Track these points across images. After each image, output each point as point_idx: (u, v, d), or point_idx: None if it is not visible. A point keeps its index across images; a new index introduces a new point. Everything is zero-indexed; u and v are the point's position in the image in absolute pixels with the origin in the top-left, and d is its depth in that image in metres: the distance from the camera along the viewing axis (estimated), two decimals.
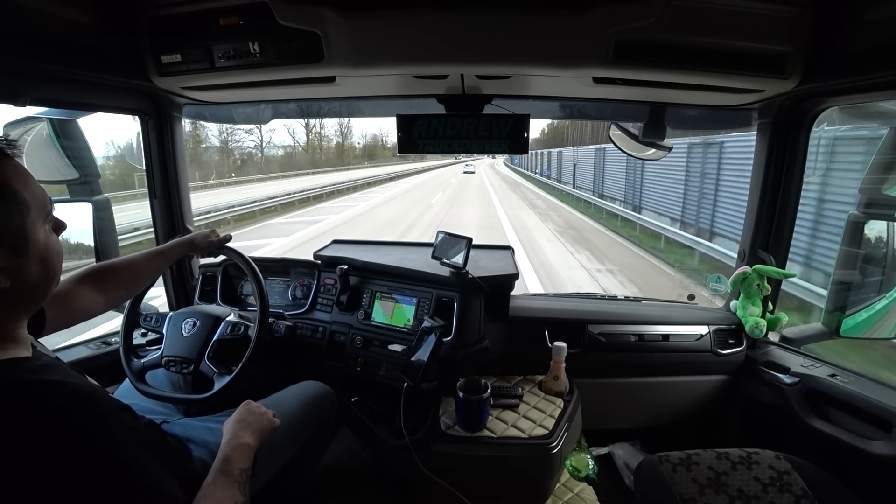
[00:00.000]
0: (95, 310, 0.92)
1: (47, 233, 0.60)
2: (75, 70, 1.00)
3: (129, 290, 1.05)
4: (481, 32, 0.94)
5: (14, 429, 0.48)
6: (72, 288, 0.88)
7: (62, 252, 0.64)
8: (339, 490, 1.32)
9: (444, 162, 55.60)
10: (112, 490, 0.50)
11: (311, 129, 44.78)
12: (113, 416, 0.55)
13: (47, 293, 0.62)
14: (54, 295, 0.82)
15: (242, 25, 1.00)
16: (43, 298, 0.62)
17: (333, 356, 1.42)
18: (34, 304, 0.61)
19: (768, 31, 0.95)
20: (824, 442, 1.13)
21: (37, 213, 0.58)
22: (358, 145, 58.52)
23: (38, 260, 0.58)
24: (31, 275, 0.57)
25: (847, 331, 1.22)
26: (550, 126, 44.01)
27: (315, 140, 47.78)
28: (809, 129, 1.26)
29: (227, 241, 1.20)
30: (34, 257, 0.57)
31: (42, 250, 0.58)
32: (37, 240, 0.58)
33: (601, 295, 1.70)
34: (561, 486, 1.36)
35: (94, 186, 1.36)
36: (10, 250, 0.54)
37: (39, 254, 0.58)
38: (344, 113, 1.63)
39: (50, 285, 0.61)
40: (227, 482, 0.70)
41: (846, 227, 1.21)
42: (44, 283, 0.60)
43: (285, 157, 42.96)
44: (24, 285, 0.57)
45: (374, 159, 53.94)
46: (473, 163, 44.98)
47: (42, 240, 0.59)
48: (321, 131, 46.23)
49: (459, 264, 1.30)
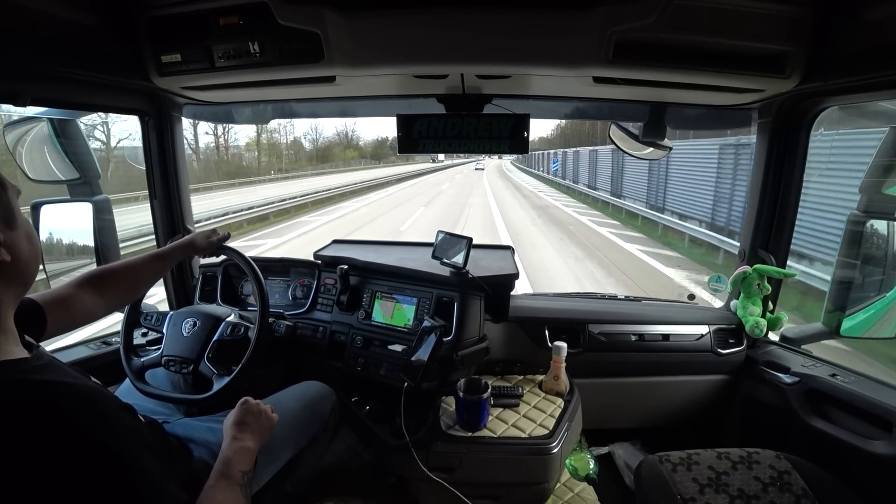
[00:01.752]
0: (96, 313, 0.92)
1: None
2: (75, 70, 1.00)
3: (129, 293, 1.05)
4: (481, 32, 0.94)
5: (15, 430, 0.48)
6: (72, 292, 0.88)
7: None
8: (340, 490, 1.32)
9: (437, 165, 47.79)
10: (114, 490, 0.50)
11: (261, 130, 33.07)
12: (115, 416, 0.55)
13: (34, 275, 0.62)
14: (55, 298, 0.83)
15: (242, 25, 1.00)
16: (31, 280, 0.62)
17: (334, 356, 1.42)
18: (23, 285, 0.61)
19: (768, 30, 0.95)
20: (825, 441, 1.13)
21: (12, 190, 0.59)
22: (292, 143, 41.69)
23: (26, 235, 0.59)
24: (24, 250, 0.58)
25: (847, 330, 1.22)
26: (570, 123, 38.43)
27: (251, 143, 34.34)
28: (810, 128, 1.26)
29: (226, 240, 1.20)
30: (22, 230, 0.59)
31: (26, 225, 0.60)
32: (21, 214, 0.59)
33: (601, 295, 1.70)
34: (561, 485, 1.36)
35: (95, 186, 1.36)
36: (4, 222, 0.56)
37: (26, 228, 0.60)
38: (344, 113, 1.63)
39: (37, 265, 0.62)
40: (229, 485, 0.70)
41: (846, 226, 1.21)
42: (32, 260, 0.60)
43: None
44: (19, 262, 0.58)
45: (329, 161, 41.66)
46: (483, 161, 46.56)
47: (23, 217, 0.60)
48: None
49: (459, 264, 1.30)
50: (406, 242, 1.75)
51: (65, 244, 1.35)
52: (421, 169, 37.26)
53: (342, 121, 44.44)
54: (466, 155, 8.95)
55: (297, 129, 44.84)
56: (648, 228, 9.50)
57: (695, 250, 7.53)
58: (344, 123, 52.56)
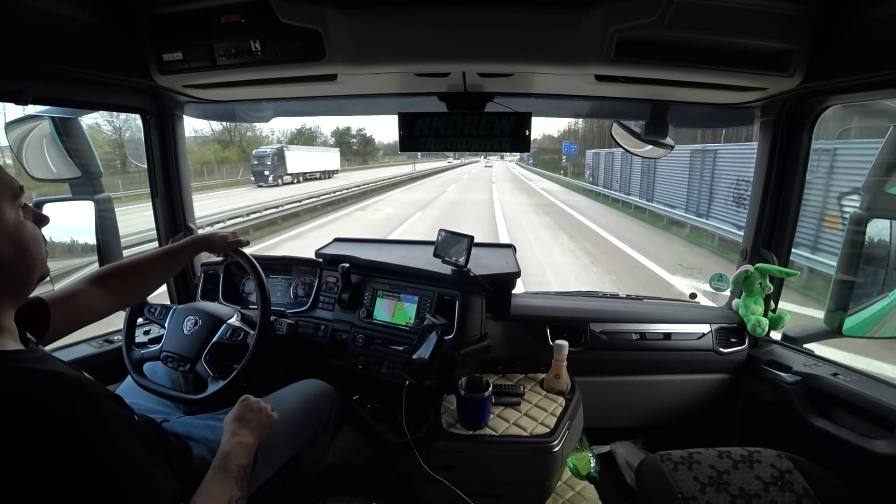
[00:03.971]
0: (103, 311, 0.92)
1: (19, 216, 0.60)
2: (77, 68, 1.00)
3: (138, 290, 1.04)
4: (483, 30, 0.94)
5: (8, 415, 0.48)
6: (79, 288, 0.88)
7: (42, 239, 0.63)
8: (341, 488, 1.33)
9: (435, 166, 41.43)
10: (103, 477, 0.51)
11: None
12: (105, 404, 0.55)
13: (28, 279, 0.61)
14: (62, 296, 0.83)
15: (244, 23, 1.00)
16: (24, 284, 0.61)
17: (335, 354, 1.43)
18: (15, 288, 0.60)
19: (771, 28, 0.94)
20: (826, 441, 1.13)
21: (2, 193, 0.58)
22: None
23: (10, 240, 0.57)
24: (5, 255, 0.57)
25: (849, 330, 1.22)
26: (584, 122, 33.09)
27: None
28: (812, 127, 1.26)
29: (244, 246, 1.19)
30: (4, 236, 0.57)
31: (13, 230, 0.58)
32: (6, 219, 0.57)
33: (603, 293, 1.70)
34: (562, 484, 1.36)
35: (96, 185, 1.37)
36: None
37: (10, 233, 0.57)
38: (345, 111, 1.63)
39: (30, 270, 0.61)
40: (225, 478, 0.71)
41: (849, 225, 1.21)
42: (20, 264, 0.59)
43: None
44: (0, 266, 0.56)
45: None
46: (491, 159, 48.74)
47: (12, 220, 0.58)
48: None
49: (461, 262, 1.30)
50: (408, 241, 1.75)
51: (66, 243, 1.36)
52: (422, 170, 32.03)
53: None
54: (472, 154, 8.50)
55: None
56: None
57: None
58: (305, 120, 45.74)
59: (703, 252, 7.93)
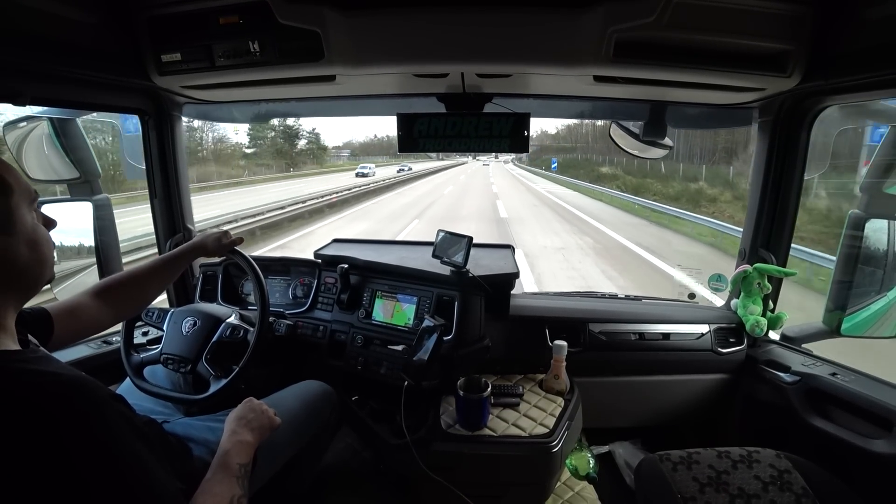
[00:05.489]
0: (104, 323, 0.93)
1: (34, 219, 0.62)
2: (75, 69, 1.00)
3: (137, 301, 1.05)
4: (482, 31, 0.94)
5: (9, 416, 0.48)
6: (82, 300, 0.90)
7: (52, 242, 0.65)
8: (340, 489, 1.33)
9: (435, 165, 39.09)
10: (106, 476, 0.51)
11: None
12: (107, 404, 0.55)
13: (38, 281, 0.62)
14: (64, 308, 0.85)
15: (242, 24, 1.00)
16: (34, 285, 0.62)
17: (334, 355, 1.42)
18: (25, 289, 0.61)
19: (769, 28, 0.94)
20: (825, 441, 1.13)
21: (21, 196, 0.59)
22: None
23: (27, 241, 0.59)
24: (21, 256, 0.58)
25: (848, 329, 1.22)
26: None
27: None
28: (810, 127, 1.26)
29: (238, 244, 1.19)
30: (22, 237, 0.58)
31: (30, 232, 0.59)
32: (24, 221, 0.59)
33: (602, 294, 1.70)
34: (562, 484, 1.36)
35: (95, 186, 1.36)
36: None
37: (27, 235, 0.59)
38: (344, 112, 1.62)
39: (42, 271, 0.62)
40: (225, 476, 0.71)
41: (847, 225, 1.21)
42: (34, 266, 0.60)
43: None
44: (14, 266, 0.58)
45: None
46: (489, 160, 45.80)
47: (29, 223, 0.60)
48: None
49: (460, 263, 1.30)
50: (406, 242, 1.75)
51: (65, 244, 1.35)
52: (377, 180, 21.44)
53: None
54: (461, 154, 8.02)
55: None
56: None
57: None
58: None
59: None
